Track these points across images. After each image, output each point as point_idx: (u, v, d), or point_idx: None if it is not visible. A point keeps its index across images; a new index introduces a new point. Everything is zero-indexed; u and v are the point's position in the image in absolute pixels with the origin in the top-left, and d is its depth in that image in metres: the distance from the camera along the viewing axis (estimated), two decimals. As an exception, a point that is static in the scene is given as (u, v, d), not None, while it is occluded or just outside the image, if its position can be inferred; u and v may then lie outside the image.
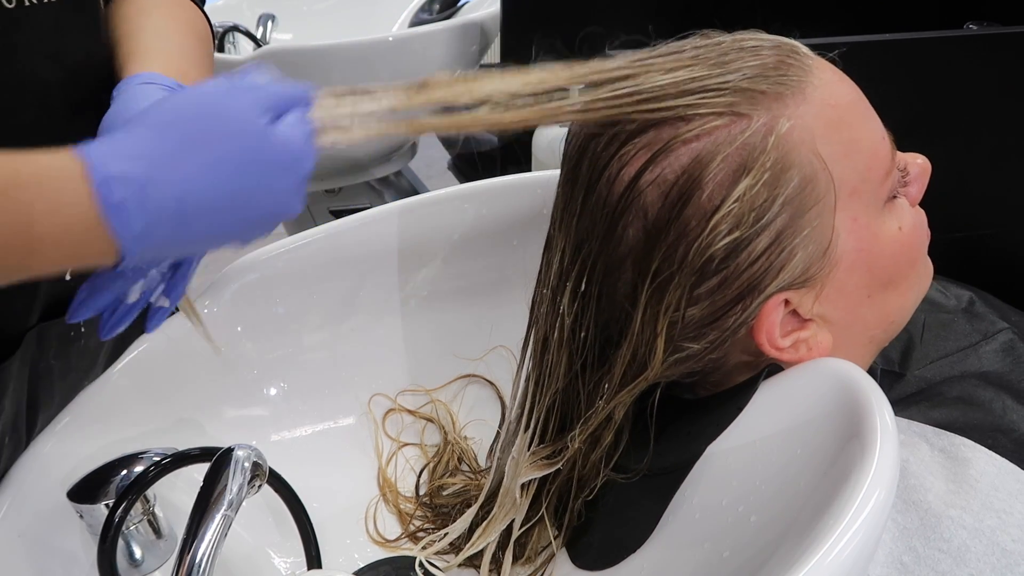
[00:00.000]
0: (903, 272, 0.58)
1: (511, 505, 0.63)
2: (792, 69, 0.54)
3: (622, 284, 0.56)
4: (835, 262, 0.54)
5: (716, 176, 0.51)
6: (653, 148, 0.53)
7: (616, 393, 0.56)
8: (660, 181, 0.53)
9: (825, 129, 0.53)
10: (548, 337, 0.60)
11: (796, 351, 0.55)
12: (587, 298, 0.57)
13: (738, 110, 0.52)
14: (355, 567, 0.69)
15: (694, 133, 0.52)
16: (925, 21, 1.03)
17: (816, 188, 0.52)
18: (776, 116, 0.52)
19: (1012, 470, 0.55)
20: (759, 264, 0.52)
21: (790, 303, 0.54)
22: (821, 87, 0.54)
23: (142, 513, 0.60)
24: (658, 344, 0.54)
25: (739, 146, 0.51)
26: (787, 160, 0.52)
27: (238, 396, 0.73)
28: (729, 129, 0.52)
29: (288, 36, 1.67)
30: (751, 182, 0.51)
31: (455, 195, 0.79)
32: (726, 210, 0.51)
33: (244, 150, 0.47)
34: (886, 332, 0.60)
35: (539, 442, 0.62)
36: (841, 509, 0.40)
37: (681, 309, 0.53)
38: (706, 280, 0.52)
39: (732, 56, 0.53)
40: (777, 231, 0.52)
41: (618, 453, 0.59)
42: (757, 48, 0.54)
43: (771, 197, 0.51)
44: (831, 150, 0.53)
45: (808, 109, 0.53)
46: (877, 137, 0.56)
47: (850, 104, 0.55)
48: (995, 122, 0.96)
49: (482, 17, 1.43)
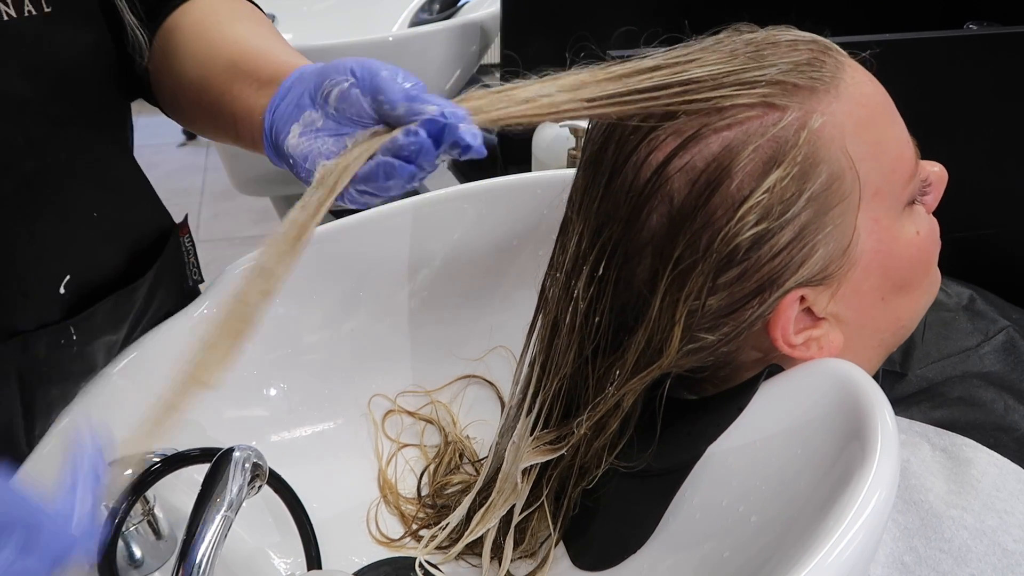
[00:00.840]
0: (917, 277, 0.58)
1: (511, 490, 0.63)
2: (826, 66, 0.54)
3: (641, 270, 0.55)
4: (854, 261, 0.54)
5: (746, 166, 0.51)
6: (683, 134, 0.53)
7: (627, 380, 0.56)
8: (689, 168, 0.52)
9: (855, 128, 0.53)
10: (559, 321, 0.60)
11: (807, 349, 0.55)
12: (604, 283, 0.57)
13: (772, 101, 0.52)
14: (355, 567, 0.69)
15: (726, 122, 0.52)
16: (925, 21, 1.03)
17: (842, 186, 0.53)
18: (809, 111, 0.52)
19: (1014, 470, 0.55)
20: (781, 258, 0.52)
21: (805, 300, 0.54)
22: (854, 86, 0.54)
23: (142, 514, 0.60)
24: (675, 332, 0.54)
25: (771, 138, 0.52)
26: (817, 156, 0.52)
27: (238, 396, 0.73)
28: (761, 120, 0.52)
29: (288, 36, 1.66)
30: (781, 174, 0.51)
31: (455, 195, 0.79)
32: (755, 200, 0.51)
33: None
34: (895, 336, 0.60)
35: (543, 427, 0.62)
36: (842, 509, 0.40)
37: (701, 298, 0.53)
38: (728, 270, 0.52)
39: (768, 50, 0.54)
40: (801, 226, 0.52)
41: (622, 443, 0.59)
42: (793, 43, 0.54)
43: (799, 191, 0.51)
44: (859, 149, 0.53)
45: (840, 106, 0.53)
46: (903, 141, 0.56)
47: (880, 105, 0.56)
48: (995, 122, 0.96)
49: (482, 17, 1.43)
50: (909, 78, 0.90)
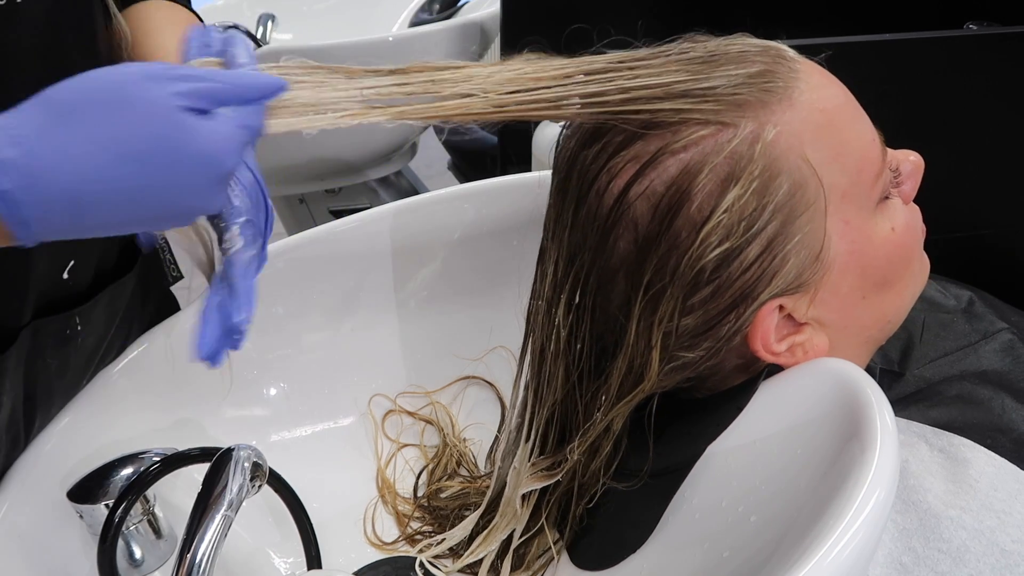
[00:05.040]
0: (898, 272, 0.58)
1: (512, 515, 0.63)
2: (778, 75, 0.53)
3: (615, 296, 0.56)
4: (828, 266, 0.54)
5: (705, 187, 0.51)
6: (641, 160, 0.52)
7: (614, 404, 0.56)
8: (649, 193, 0.52)
9: (813, 134, 0.53)
10: (545, 348, 0.60)
11: (792, 355, 0.55)
12: (581, 310, 0.57)
13: (724, 119, 0.52)
14: (355, 567, 0.69)
15: (681, 144, 0.52)
16: (925, 21, 1.03)
17: (806, 194, 0.52)
18: (762, 123, 0.52)
19: (1011, 470, 0.55)
20: (751, 272, 0.52)
21: (784, 308, 0.54)
22: (808, 91, 0.53)
23: (142, 513, 0.60)
24: (653, 355, 0.54)
25: (726, 156, 0.51)
26: (775, 167, 0.51)
27: (238, 396, 0.73)
28: (716, 139, 0.52)
29: (288, 36, 1.66)
30: (740, 191, 0.51)
31: (455, 195, 0.79)
32: (716, 221, 0.51)
33: (150, 141, 0.43)
34: (882, 332, 0.60)
35: (539, 453, 0.62)
36: (841, 509, 0.40)
37: (675, 320, 0.53)
38: (699, 290, 0.52)
39: (719, 61, 0.53)
40: (768, 239, 0.52)
41: (617, 460, 0.59)
42: (743, 54, 0.54)
43: (761, 205, 0.51)
44: (820, 155, 0.53)
45: (795, 115, 0.52)
46: (867, 139, 0.56)
47: (838, 107, 0.55)
48: (995, 122, 0.96)
49: (482, 17, 1.43)
50: (909, 78, 0.90)
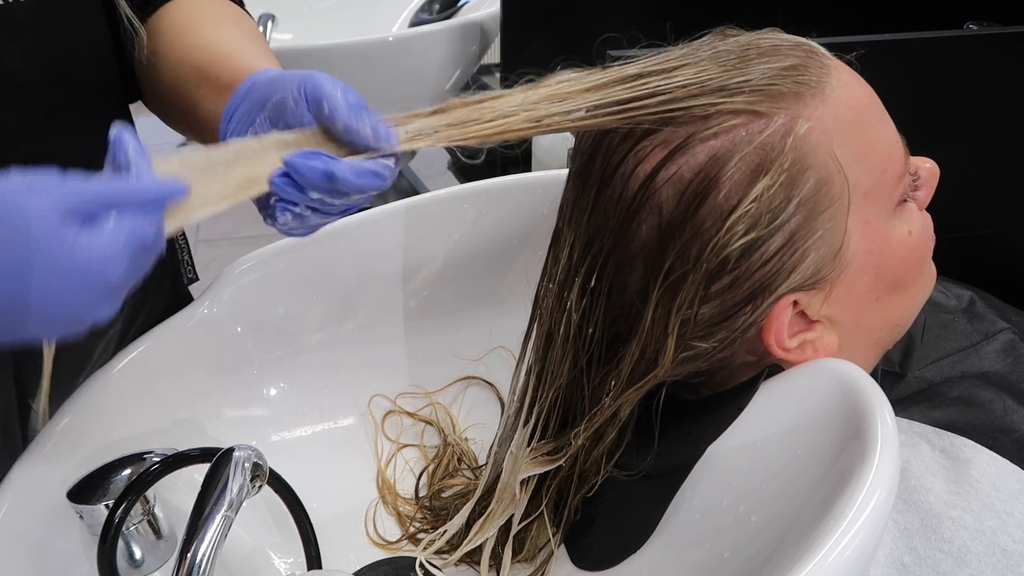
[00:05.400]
0: (911, 276, 0.58)
1: (510, 500, 0.63)
2: (811, 70, 0.53)
3: (633, 281, 0.55)
4: (846, 264, 0.54)
5: (733, 175, 0.51)
6: (670, 145, 0.52)
7: (623, 391, 0.56)
8: (676, 179, 0.52)
9: (843, 131, 0.53)
10: (553, 332, 0.60)
11: (802, 352, 0.55)
12: (596, 294, 0.57)
13: (757, 109, 0.52)
14: (355, 567, 0.69)
15: (712, 131, 0.52)
16: (925, 21, 1.03)
17: (831, 190, 0.52)
18: (795, 116, 0.52)
19: (1013, 471, 0.55)
20: (771, 265, 0.52)
21: (799, 304, 0.54)
22: (840, 88, 0.54)
23: (142, 513, 0.60)
24: (669, 342, 0.54)
25: (757, 146, 0.51)
26: (804, 162, 0.52)
27: (238, 396, 0.73)
28: (748, 128, 0.52)
29: (288, 36, 1.67)
30: (769, 182, 0.51)
31: (455, 195, 0.79)
32: (743, 210, 0.51)
33: (21, 254, 0.40)
34: (891, 335, 0.60)
35: (540, 437, 0.62)
36: (842, 510, 0.40)
37: (694, 308, 0.53)
38: (719, 279, 0.52)
39: (752, 56, 0.53)
40: (791, 232, 0.52)
41: (620, 450, 0.59)
42: (777, 47, 0.54)
43: (787, 198, 0.51)
44: (847, 152, 0.53)
45: (827, 110, 0.53)
46: (892, 141, 0.56)
47: (867, 107, 0.55)
48: (995, 122, 0.96)
49: (482, 17, 1.43)
50: (909, 78, 0.90)
